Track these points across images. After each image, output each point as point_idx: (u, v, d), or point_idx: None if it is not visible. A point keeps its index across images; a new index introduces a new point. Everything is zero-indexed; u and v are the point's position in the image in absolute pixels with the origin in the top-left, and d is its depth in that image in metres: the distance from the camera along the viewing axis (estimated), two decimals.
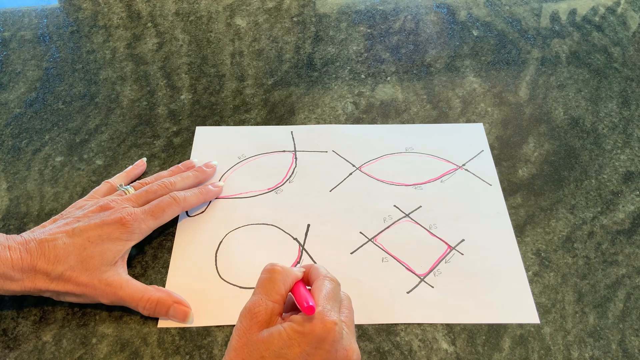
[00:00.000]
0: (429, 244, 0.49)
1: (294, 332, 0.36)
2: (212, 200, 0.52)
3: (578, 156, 0.56)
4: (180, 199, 0.49)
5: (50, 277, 0.42)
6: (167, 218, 0.48)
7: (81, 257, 0.43)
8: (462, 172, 0.55)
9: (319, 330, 0.36)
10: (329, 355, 0.36)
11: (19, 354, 0.43)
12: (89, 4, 0.75)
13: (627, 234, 0.50)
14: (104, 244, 0.44)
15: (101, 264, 0.43)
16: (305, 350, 0.35)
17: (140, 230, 0.46)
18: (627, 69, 0.65)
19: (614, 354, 0.43)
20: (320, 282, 0.39)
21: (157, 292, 0.44)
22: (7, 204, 0.52)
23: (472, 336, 0.43)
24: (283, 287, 0.39)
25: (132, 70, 0.65)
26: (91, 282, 0.43)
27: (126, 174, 0.53)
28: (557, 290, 0.46)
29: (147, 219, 0.46)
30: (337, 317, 0.37)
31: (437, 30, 0.71)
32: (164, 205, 0.48)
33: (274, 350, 0.35)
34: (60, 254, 0.42)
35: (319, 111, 0.61)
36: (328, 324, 0.36)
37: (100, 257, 0.43)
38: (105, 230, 0.44)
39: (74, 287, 0.43)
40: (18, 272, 0.41)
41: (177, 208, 0.49)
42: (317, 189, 0.53)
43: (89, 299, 0.44)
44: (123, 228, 0.45)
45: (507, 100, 0.62)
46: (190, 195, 0.50)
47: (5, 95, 0.63)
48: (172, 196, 0.48)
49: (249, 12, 0.73)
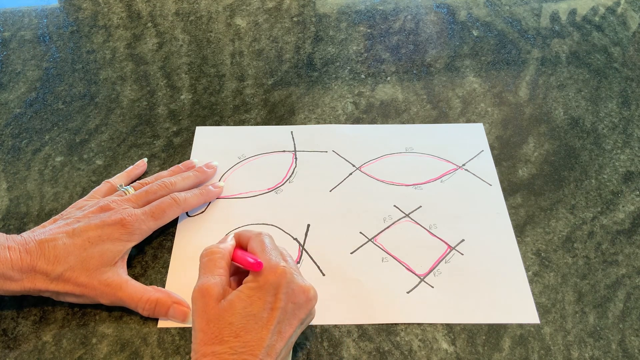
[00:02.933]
0: (429, 244, 0.49)
1: (251, 290, 0.38)
2: (212, 200, 0.52)
3: (578, 156, 0.56)
4: (180, 200, 0.49)
5: (50, 277, 0.42)
6: (167, 219, 0.48)
7: (81, 258, 0.43)
8: (462, 172, 0.55)
9: (273, 279, 0.38)
10: (288, 297, 0.38)
11: (19, 354, 0.43)
12: (89, 4, 0.75)
13: (627, 234, 0.50)
14: (104, 245, 0.44)
15: (101, 265, 0.43)
16: (267, 301, 0.37)
17: (140, 231, 0.46)
18: (627, 69, 0.65)
19: (614, 354, 0.43)
20: (256, 239, 0.41)
21: (157, 292, 0.44)
22: (7, 204, 0.52)
23: (472, 336, 0.43)
24: (223, 261, 0.40)
25: (132, 70, 0.65)
26: (91, 282, 0.43)
27: (127, 174, 0.53)
28: (557, 290, 0.46)
29: (148, 220, 0.46)
30: (283, 263, 0.39)
31: (437, 30, 0.71)
32: (164, 206, 0.48)
33: (239, 312, 0.37)
34: (60, 254, 0.42)
35: (319, 111, 0.61)
36: (278, 270, 0.38)
37: (100, 257, 0.43)
38: (105, 231, 0.44)
39: (73, 288, 0.43)
40: (17, 272, 0.41)
41: (177, 209, 0.49)
42: (317, 189, 0.53)
43: (88, 300, 0.44)
44: (123, 229, 0.44)
45: (507, 100, 0.62)
46: (190, 196, 0.50)
47: (5, 95, 0.63)
48: (173, 197, 0.48)
49: (249, 12, 0.73)
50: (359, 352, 0.43)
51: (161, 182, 0.50)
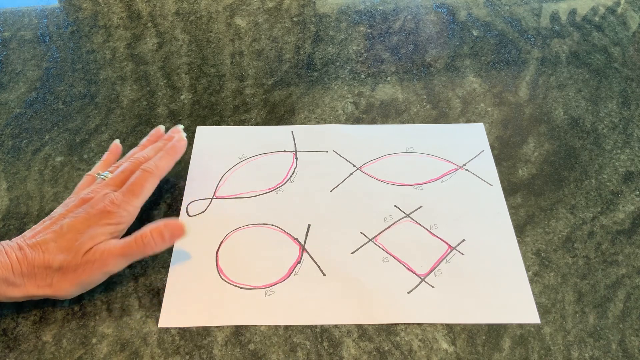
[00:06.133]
0: (430, 244, 0.49)
1: None
2: (180, 155, 0.52)
3: (578, 156, 0.56)
4: (152, 169, 0.49)
5: (49, 276, 0.42)
6: (148, 192, 0.48)
7: (75, 248, 0.43)
8: (463, 172, 0.55)
9: None
10: None
11: (19, 354, 0.43)
12: (89, 4, 0.75)
13: (627, 234, 0.50)
14: (95, 230, 0.44)
15: (94, 245, 0.44)
16: None
17: (128, 213, 0.46)
18: (627, 69, 0.65)
19: (614, 354, 0.43)
20: None
21: (147, 227, 0.46)
22: (7, 204, 0.52)
23: (472, 336, 0.43)
24: None
25: (132, 70, 0.65)
26: (89, 259, 0.43)
27: (103, 162, 0.52)
28: (557, 290, 0.46)
29: (131, 200, 0.46)
30: None
31: (437, 30, 0.71)
32: (140, 180, 0.48)
33: None
34: (53, 253, 0.42)
35: (319, 111, 0.61)
36: None
37: (91, 240, 0.43)
38: (92, 221, 0.44)
39: (72, 277, 0.43)
40: (19, 277, 0.41)
41: (153, 179, 0.48)
42: (318, 189, 0.53)
43: (94, 277, 0.44)
44: (110, 216, 0.45)
45: (507, 100, 0.62)
46: (159, 160, 0.50)
47: (5, 95, 0.63)
48: (144, 169, 0.48)
49: (249, 12, 0.73)
50: (359, 352, 0.43)
51: (134, 158, 0.50)
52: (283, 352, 0.43)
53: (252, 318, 0.44)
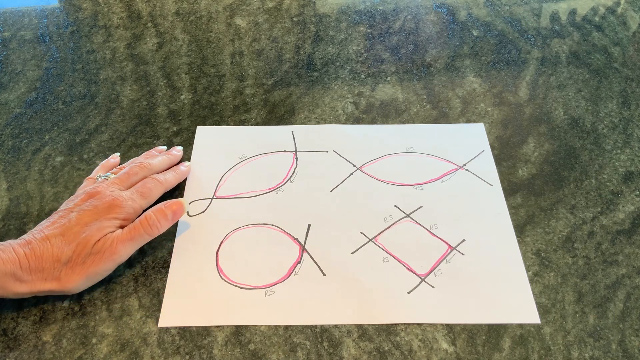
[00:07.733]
0: (430, 244, 0.49)
1: None
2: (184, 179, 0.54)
3: (578, 156, 0.56)
4: (162, 181, 0.51)
5: (57, 269, 0.42)
6: (154, 198, 0.50)
7: (84, 240, 0.43)
8: (463, 173, 0.55)
9: None
10: None
11: (19, 354, 0.43)
12: (89, 4, 0.75)
13: (627, 234, 0.50)
14: (102, 222, 0.45)
15: (101, 236, 0.44)
16: None
17: (133, 210, 0.47)
18: (627, 69, 0.65)
19: (614, 354, 0.43)
20: None
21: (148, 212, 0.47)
22: (7, 204, 0.52)
23: (472, 336, 0.43)
24: None
25: (132, 70, 0.65)
26: (98, 249, 0.43)
27: (102, 166, 0.54)
28: (557, 290, 0.46)
29: (138, 199, 0.48)
30: None
31: (437, 30, 0.71)
32: (150, 185, 0.49)
33: None
34: (62, 246, 0.43)
35: (319, 111, 0.61)
36: None
37: (99, 232, 0.44)
38: (100, 214, 0.45)
39: (80, 269, 0.43)
40: (27, 273, 0.42)
41: (161, 188, 0.51)
42: (318, 189, 0.53)
43: (97, 268, 0.44)
44: (118, 209, 0.46)
45: (507, 100, 0.62)
46: (168, 174, 0.52)
47: (5, 95, 0.63)
48: (155, 178, 0.50)
49: (249, 12, 0.73)
50: (359, 352, 0.43)
51: (139, 163, 0.51)
52: (283, 352, 0.43)
53: (252, 318, 0.45)
